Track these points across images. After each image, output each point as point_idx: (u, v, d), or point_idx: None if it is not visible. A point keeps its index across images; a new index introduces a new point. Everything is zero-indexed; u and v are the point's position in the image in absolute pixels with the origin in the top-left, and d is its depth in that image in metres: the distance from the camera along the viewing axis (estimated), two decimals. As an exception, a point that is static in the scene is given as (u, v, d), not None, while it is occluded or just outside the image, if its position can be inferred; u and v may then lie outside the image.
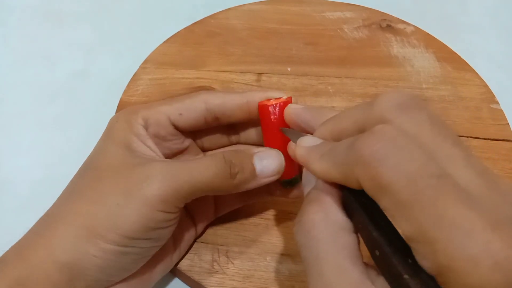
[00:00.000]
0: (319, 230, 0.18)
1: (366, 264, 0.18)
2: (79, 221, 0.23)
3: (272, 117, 0.26)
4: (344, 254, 0.18)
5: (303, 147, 0.21)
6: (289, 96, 0.27)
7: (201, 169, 0.24)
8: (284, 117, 0.26)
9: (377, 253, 0.17)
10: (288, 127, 0.26)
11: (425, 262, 0.15)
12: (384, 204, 0.16)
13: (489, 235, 0.14)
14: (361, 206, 0.18)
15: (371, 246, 0.18)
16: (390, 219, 0.17)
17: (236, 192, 0.30)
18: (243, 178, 0.25)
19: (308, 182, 0.22)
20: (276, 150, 0.26)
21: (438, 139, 0.17)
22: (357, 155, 0.17)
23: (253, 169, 0.25)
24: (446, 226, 0.15)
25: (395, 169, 0.16)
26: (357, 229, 0.19)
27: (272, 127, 0.26)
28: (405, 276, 0.16)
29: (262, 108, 0.26)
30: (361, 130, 0.19)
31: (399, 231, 0.16)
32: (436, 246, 0.15)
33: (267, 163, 0.25)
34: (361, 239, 0.19)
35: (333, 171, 0.19)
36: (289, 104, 0.26)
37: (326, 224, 0.19)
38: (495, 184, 0.16)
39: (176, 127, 0.27)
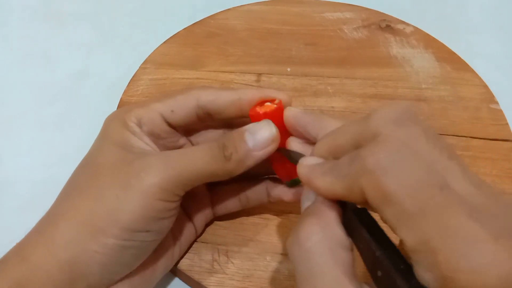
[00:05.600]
0: (316, 242, 0.18)
1: (362, 282, 0.18)
2: (78, 217, 0.23)
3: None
4: (341, 270, 0.17)
5: (304, 165, 0.21)
6: (278, 101, 0.26)
7: (198, 155, 0.24)
8: (284, 120, 0.26)
9: (379, 273, 0.17)
10: (286, 128, 0.26)
11: (427, 275, 0.15)
12: (387, 214, 0.16)
13: (492, 246, 0.14)
14: (363, 225, 0.18)
15: (373, 266, 0.18)
16: (393, 231, 0.17)
17: (231, 188, 0.30)
18: (238, 158, 0.24)
19: (306, 198, 0.22)
20: (266, 120, 0.25)
21: (435, 152, 0.17)
22: (362, 164, 0.17)
23: (246, 145, 0.24)
24: (450, 236, 0.15)
25: (399, 177, 0.16)
26: (358, 249, 0.19)
27: None
28: None
29: (254, 117, 0.26)
30: (357, 146, 0.19)
31: (402, 242, 0.16)
32: (439, 256, 0.15)
33: (258, 134, 0.25)
34: (358, 260, 0.19)
35: (336, 185, 0.19)
36: (288, 107, 0.26)
37: (324, 238, 0.18)
38: (493, 196, 0.16)
39: (169, 124, 0.27)
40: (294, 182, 0.28)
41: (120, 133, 0.25)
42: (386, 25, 0.46)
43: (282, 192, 0.29)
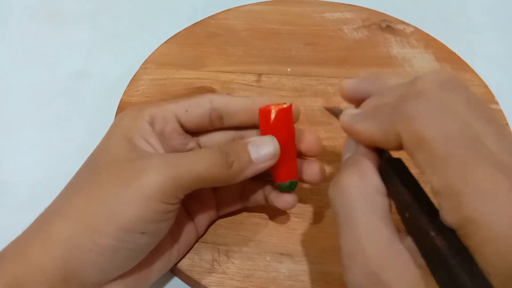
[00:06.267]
0: (355, 189, 0.20)
1: (396, 227, 0.19)
2: (75, 215, 0.23)
3: (271, 120, 0.26)
4: (377, 215, 0.19)
5: (348, 114, 0.23)
6: (289, 104, 0.27)
7: (199, 159, 0.24)
8: (341, 94, 0.25)
9: (407, 215, 0.19)
10: (291, 131, 0.27)
11: (449, 216, 0.17)
12: (419, 157, 0.18)
13: None
14: (396, 173, 0.20)
15: (402, 209, 0.19)
16: (422, 173, 0.18)
17: (235, 190, 0.30)
18: (240, 167, 0.25)
19: (347, 150, 0.23)
20: (270, 135, 0.26)
21: (473, 116, 0.18)
22: (402, 111, 0.19)
23: (249, 156, 0.25)
24: (473, 182, 0.16)
25: (436, 126, 0.17)
26: (391, 195, 0.20)
27: (272, 130, 0.26)
28: (432, 234, 0.17)
29: (263, 111, 0.26)
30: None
31: (429, 184, 0.17)
32: (461, 199, 0.16)
33: (261, 148, 0.25)
34: (393, 206, 0.20)
35: (375, 129, 0.20)
36: (344, 81, 0.25)
37: (361, 185, 0.20)
38: None
39: (182, 125, 0.27)
40: (291, 185, 0.28)
41: (127, 131, 0.25)
42: (386, 25, 0.46)
43: (274, 198, 0.29)
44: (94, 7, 0.52)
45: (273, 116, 0.26)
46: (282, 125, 0.26)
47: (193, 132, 0.29)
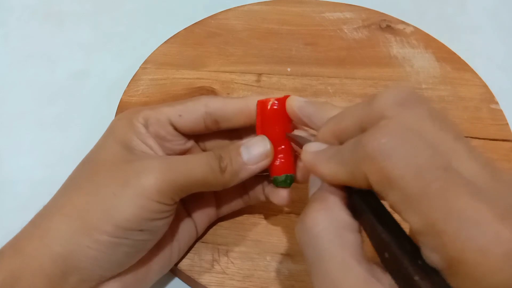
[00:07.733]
0: (323, 227, 0.18)
1: (371, 262, 0.18)
2: (74, 212, 0.23)
3: (269, 111, 0.26)
4: (348, 252, 0.18)
5: (309, 152, 0.21)
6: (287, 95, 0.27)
7: (195, 163, 0.24)
8: (286, 109, 0.26)
9: (386, 255, 0.17)
10: (287, 123, 0.27)
11: (433, 256, 0.15)
12: (392, 198, 0.16)
13: (497, 225, 0.14)
14: (369, 208, 0.19)
15: (380, 248, 0.18)
16: (398, 214, 0.17)
17: (235, 189, 0.30)
18: (233, 170, 0.25)
19: (313, 185, 0.22)
20: (261, 135, 0.26)
21: (440, 133, 0.17)
22: (363, 151, 0.17)
23: (241, 159, 0.25)
24: (454, 218, 0.15)
25: (402, 162, 0.16)
26: (365, 231, 0.19)
27: (268, 122, 0.26)
28: (416, 278, 0.16)
29: (261, 103, 0.26)
30: (363, 129, 0.19)
31: (408, 224, 0.16)
32: (445, 238, 0.15)
33: (253, 149, 0.26)
34: (367, 240, 0.19)
35: (340, 171, 0.19)
36: (291, 96, 0.26)
37: (329, 222, 0.19)
38: (499, 175, 0.16)
39: (176, 129, 0.27)
40: (286, 179, 0.27)
41: (125, 132, 0.26)
42: (386, 25, 0.46)
43: (269, 192, 0.28)
44: (94, 7, 0.51)
45: (269, 105, 0.26)
46: (278, 116, 0.26)
47: (190, 135, 0.29)
